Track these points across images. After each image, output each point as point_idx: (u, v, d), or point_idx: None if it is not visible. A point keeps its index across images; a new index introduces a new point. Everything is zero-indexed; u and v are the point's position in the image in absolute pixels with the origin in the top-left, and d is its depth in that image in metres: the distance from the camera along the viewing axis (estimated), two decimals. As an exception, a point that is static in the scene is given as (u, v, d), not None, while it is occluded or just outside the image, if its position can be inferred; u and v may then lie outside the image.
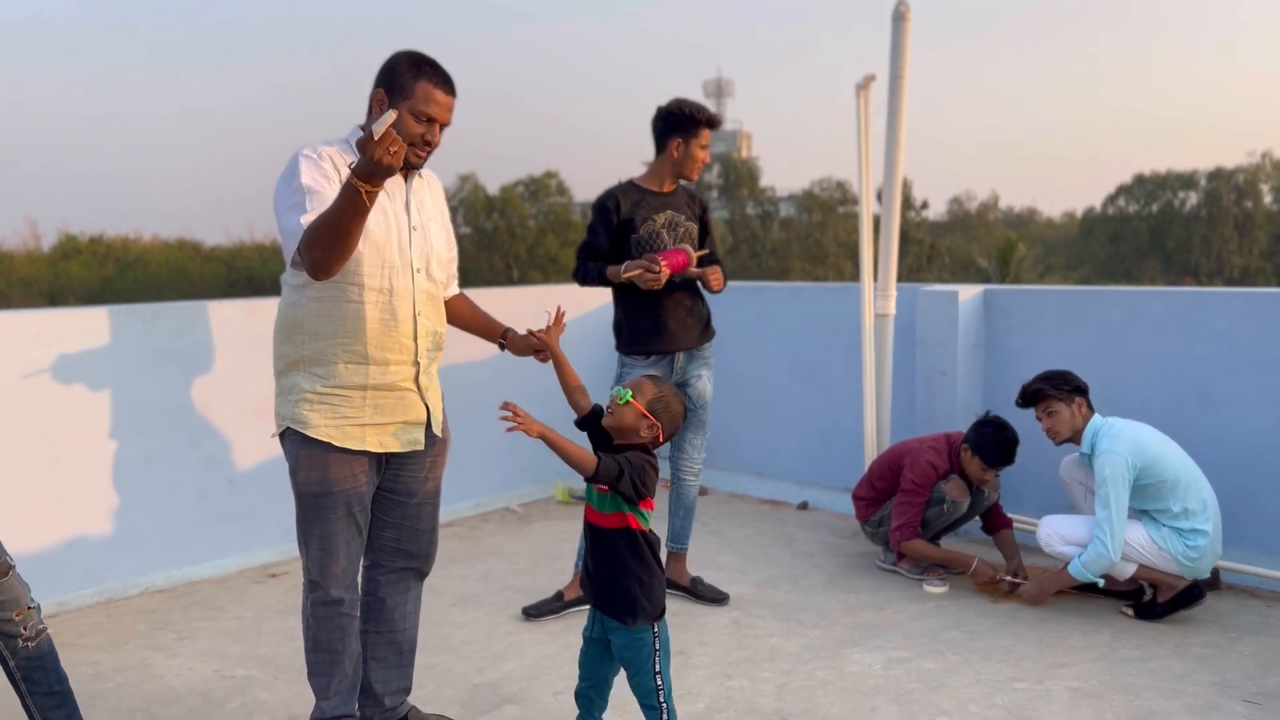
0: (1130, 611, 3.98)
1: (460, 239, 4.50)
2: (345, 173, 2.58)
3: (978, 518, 4.64)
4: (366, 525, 2.87)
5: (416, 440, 2.87)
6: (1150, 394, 4.52)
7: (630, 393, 2.62)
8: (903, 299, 5.21)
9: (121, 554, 4.44)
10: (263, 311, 4.86)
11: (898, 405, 5.26)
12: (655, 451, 2.67)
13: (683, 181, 4.19)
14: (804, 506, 5.75)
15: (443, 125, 2.73)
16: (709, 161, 4.13)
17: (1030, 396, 4.13)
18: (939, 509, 4.46)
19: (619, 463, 2.55)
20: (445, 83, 2.70)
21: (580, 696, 2.80)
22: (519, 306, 5.89)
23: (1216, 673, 3.45)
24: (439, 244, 2.89)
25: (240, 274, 58.88)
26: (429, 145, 2.72)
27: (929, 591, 4.33)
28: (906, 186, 77.05)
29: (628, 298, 4.07)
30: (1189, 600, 3.87)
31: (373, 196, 2.33)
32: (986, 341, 5.12)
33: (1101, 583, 3.95)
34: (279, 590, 4.49)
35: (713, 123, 4.04)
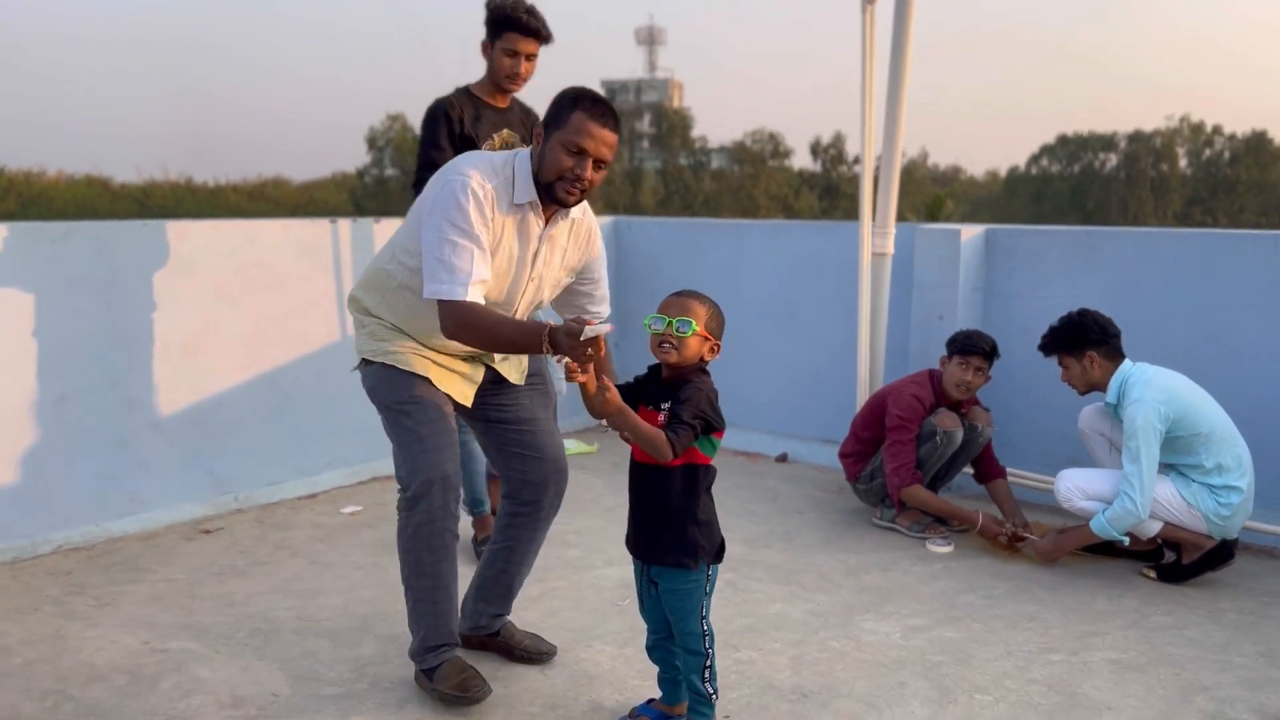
0: (1152, 574, 3.72)
1: (386, 182, 4.00)
2: (497, 222, 2.55)
3: (970, 467, 4.33)
4: (456, 435, 2.73)
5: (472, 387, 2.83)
6: (1161, 341, 4.23)
7: (694, 322, 2.39)
8: (898, 239, 4.83)
9: (29, 507, 3.89)
10: (194, 234, 4.29)
11: (890, 351, 4.92)
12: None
13: (516, 95, 3.81)
14: (783, 459, 5.40)
15: (599, 161, 2.53)
16: (528, 76, 3.70)
17: (1045, 349, 3.85)
18: (931, 444, 4.14)
19: (690, 424, 2.34)
20: (603, 116, 2.52)
21: (655, 650, 2.61)
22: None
23: (1259, 642, 3.19)
24: (545, 297, 2.83)
25: (153, 213, 56.42)
26: (578, 181, 2.53)
27: (934, 551, 4.02)
28: (839, 141, 77.22)
29: None
30: (1218, 561, 3.62)
31: (550, 353, 2.37)
32: (987, 284, 4.79)
33: (1126, 541, 3.67)
34: (215, 548, 4.00)
35: (522, 27, 3.59)
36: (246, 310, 4.44)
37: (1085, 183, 72.94)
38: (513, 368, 2.89)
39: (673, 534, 2.44)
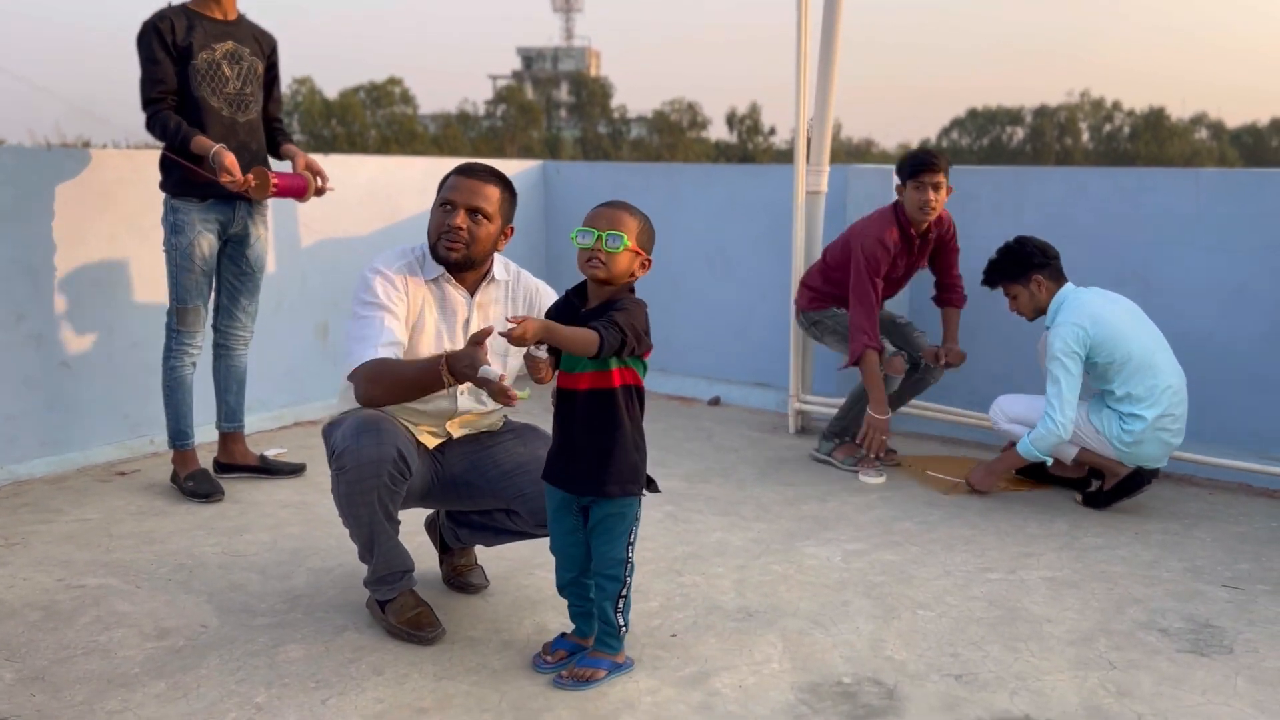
0: (1080, 498, 3.80)
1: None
2: (415, 304, 2.59)
3: (934, 293, 4.38)
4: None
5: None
6: (1089, 278, 4.31)
7: (625, 236, 2.25)
8: (830, 180, 4.83)
9: (-72, 447, 3.66)
10: (107, 162, 4.06)
11: (822, 292, 4.91)
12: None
13: (246, 16, 3.72)
14: (715, 402, 5.39)
15: (472, 210, 2.57)
16: None
17: (989, 283, 3.88)
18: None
19: (620, 327, 2.22)
20: (470, 170, 2.61)
21: (568, 587, 2.48)
22: (404, 179, 5.23)
23: (1185, 559, 3.28)
24: (493, 371, 2.57)
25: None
26: (451, 231, 2.56)
27: (866, 482, 4.05)
28: (755, 111, 77.70)
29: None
30: (1132, 487, 3.70)
31: (451, 384, 2.36)
32: (918, 225, 4.81)
33: (1050, 461, 3.75)
34: (130, 489, 3.82)
35: None
36: (153, 246, 4.23)
37: (994, 155, 74.78)
38: (465, 424, 2.77)
39: (617, 461, 2.33)
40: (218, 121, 3.58)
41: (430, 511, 3.06)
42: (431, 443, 2.71)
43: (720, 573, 3.11)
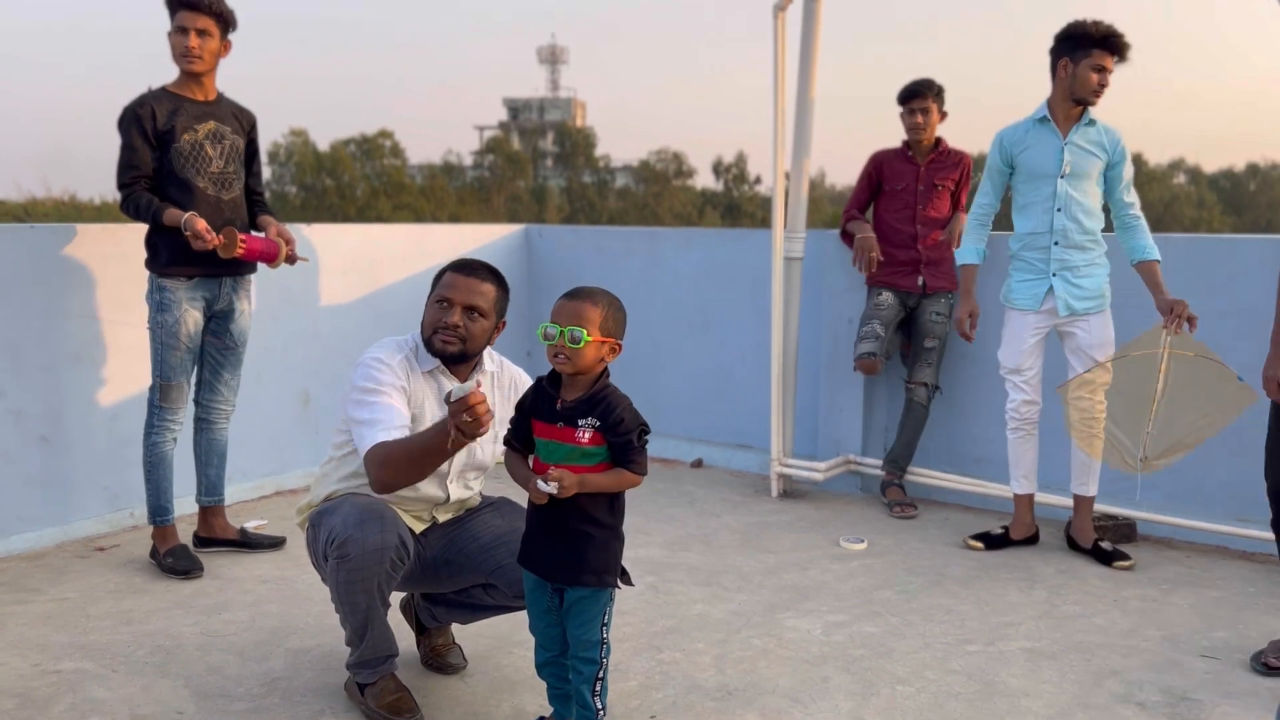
0: (980, 545, 4.07)
1: (287, 198, 3.96)
2: (413, 386, 2.64)
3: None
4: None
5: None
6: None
7: (584, 330, 2.27)
8: (809, 245, 4.89)
9: (-95, 527, 3.64)
10: (90, 238, 4.10)
11: (802, 353, 4.97)
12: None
13: (225, 94, 3.80)
14: (698, 464, 5.41)
15: (469, 308, 2.62)
16: (207, 54, 3.61)
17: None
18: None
19: (642, 446, 2.33)
20: (468, 268, 2.66)
21: (546, 667, 2.48)
22: (386, 247, 5.28)
23: (1163, 627, 3.30)
24: (485, 455, 2.77)
25: (35, 230, 54.01)
26: (449, 328, 2.60)
27: (848, 549, 4.06)
28: (741, 161, 78.39)
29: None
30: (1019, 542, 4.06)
31: (460, 444, 2.29)
32: (895, 289, 4.88)
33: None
34: (110, 566, 3.80)
35: (185, 2, 3.56)
36: (143, 317, 4.25)
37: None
38: (450, 509, 2.81)
39: (596, 553, 2.33)
40: (203, 200, 3.64)
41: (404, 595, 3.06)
42: (418, 527, 2.72)
43: (700, 648, 3.11)
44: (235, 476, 4.55)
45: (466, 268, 2.66)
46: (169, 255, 3.62)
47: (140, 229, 3.76)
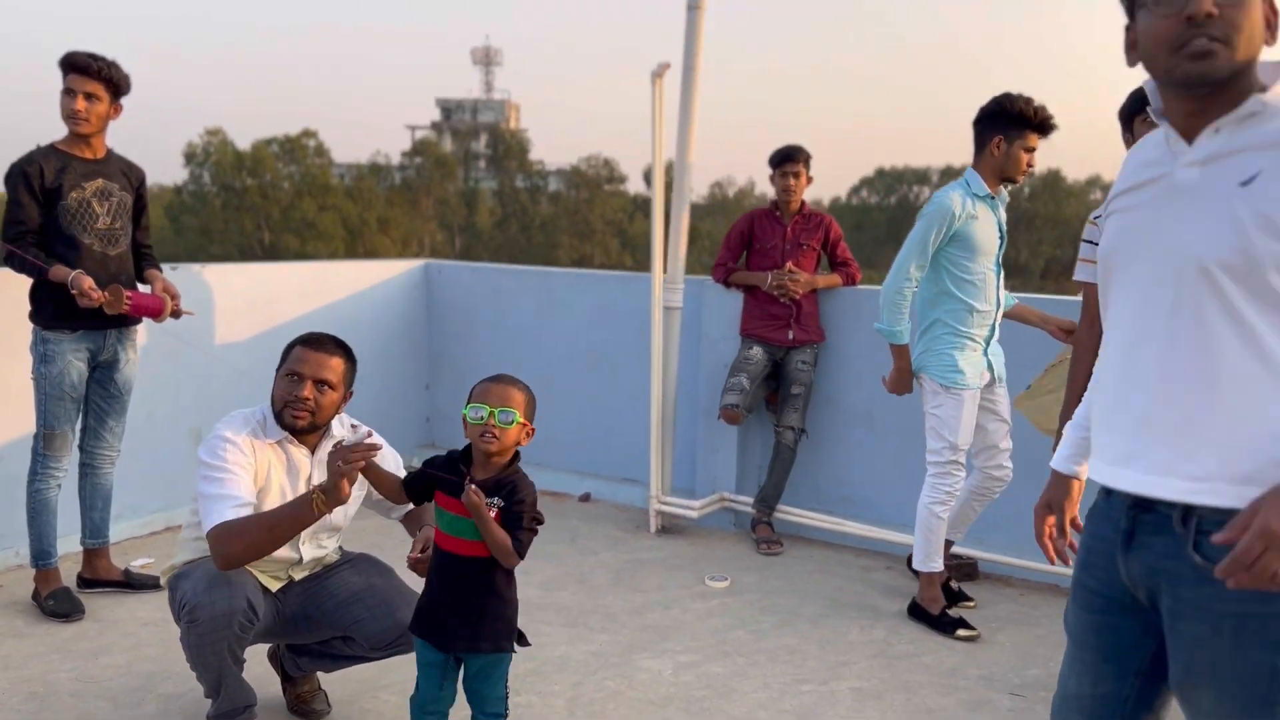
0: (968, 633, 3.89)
1: (207, 197, 4.16)
2: (262, 465, 2.78)
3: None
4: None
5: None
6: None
7: (515, 411, 2.44)
8: (690, 290, 5.16)
9: None
10: (14, 282, 4.17)
11: (681, 398, 5.23)
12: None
13: (114, 149, 3.95)
14: (586, 498, 5.64)
15: (319, 381, 2.80)
16: (94, 116, 3.74)
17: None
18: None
19: (531, 529, 2.46)
20: (316, 342, 2.85)
21: (431, 715, 2.58)
22: (283, 285, 5.41)
23: (984, 665, 3.61)
24: (336, 517, 2.92)
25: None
26: (298, 402, 2.78)
27: (711, 586, 4.32)
28: (672, 169, 79.44)
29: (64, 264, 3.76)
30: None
31: (324, 509, 2.54)
32: (769, 336, 5.17)
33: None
34: (-9, 608, 3.89)
35: (75, 64, 3.70)
36: (29, 365, 4.34)
37: (901, 214, 77.33)
38: (305, 568, 2.96)
39: (492, 620, 2.48)
40: (89, 256, 3.76)
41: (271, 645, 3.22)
42: (274, 586, 2.89)
43: (556, 690, 3.33)
44: (124, 513, 4.65)
45: (315, 342, 2.85)
46: (54, 309, 3.74)
47: (25, 280, 3.86)
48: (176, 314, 3.95)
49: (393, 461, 2.98)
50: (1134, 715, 1.70)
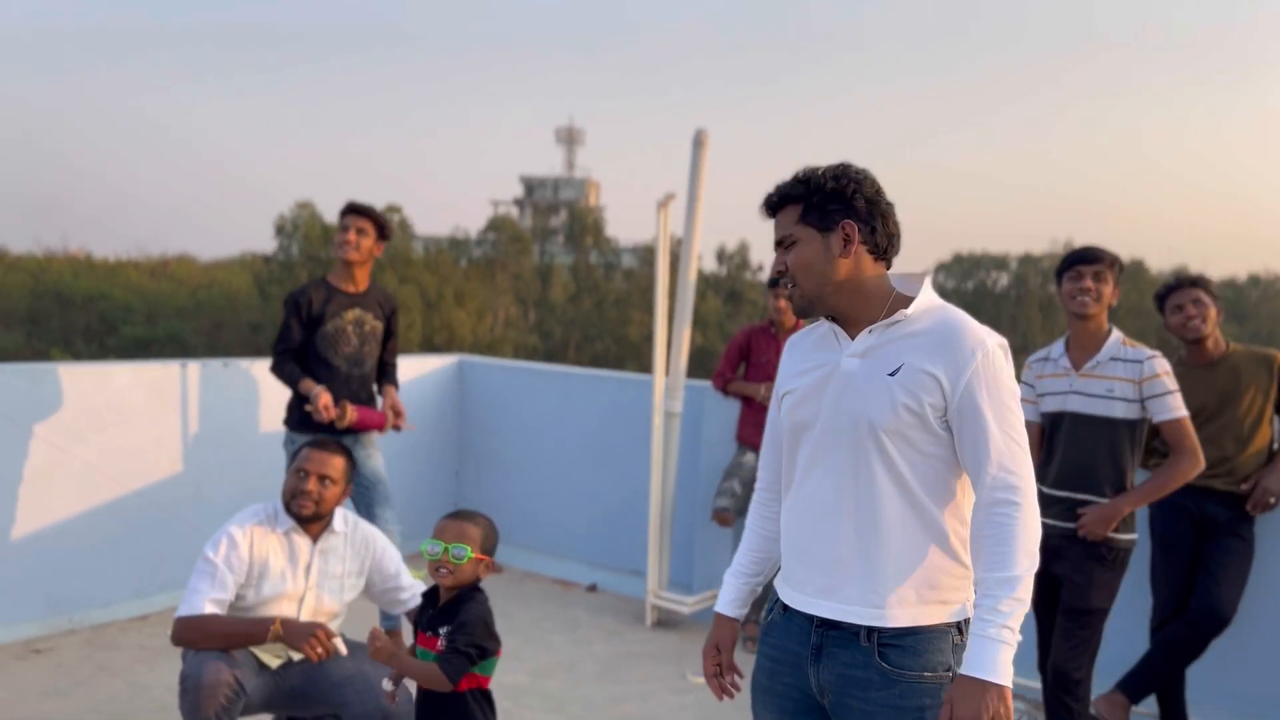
0: None
1: (294, 268, 4.85)
2: (261, 554, 3.22)
3: None
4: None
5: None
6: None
7: (469, 548, 2.65)
8: (691, 396, 5.54)
9: None
10: (47, 377, 4.75)
11: (680, 497, 5.57)
12: None
13: (375, 284, 4.63)
14: (593, 589, 5.97)
15: (323, 477, 3.26)
16: (362, 247, 4.48)
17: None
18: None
19: (464, 652, 2.59)
20: (323, 444, 3.31)
21: None
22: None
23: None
24: (329, 602, 3.34)
25: (48, 287, 55.23)
26: (305, 495, 3.23)
27: (691, 680, 4.61)
28: (744, 249, 79.63)
29: (314, 379, 4.41)
30: None
31: (276, 639, 3.09)
32: (765, 443, 5.50)
33: None
34: (42, 668, 4.37)
35: (351, 207, 4.47)
36: (94, 445, 4.89)
37: (979, 299, 76.79)
38: (271, 654, 3.29)
39: None
40: (336, 376, 4.46)
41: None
42: (274, 663, 3.30)
43: (524, 772, 3.66)
44: (168, 585, 5.14)
45: (321, 444, 3.33)
46: (300, 416, 4.44)
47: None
48: (397, 428, 4.63)
49: (392, 562, 3.45)
50: None
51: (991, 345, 1.95)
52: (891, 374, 1.96)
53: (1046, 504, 3.55)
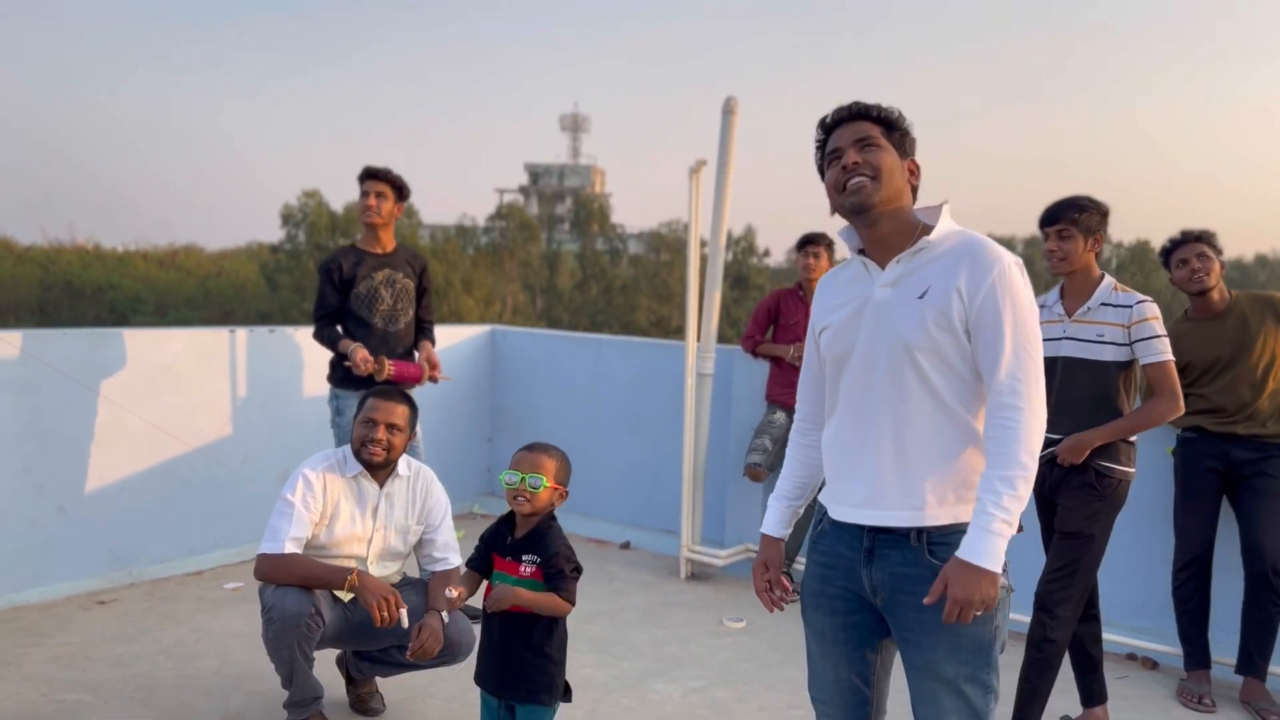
0: None
1: (301, 256, 5.09)
2: (333, 497, 3.41)
3: None
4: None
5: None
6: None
7: (544, 477, 2.80)
8: (721, 359, 5.72)
9: (-57, 579, 4.43)
10: (108, 341, 4.94)
11: (711, 456, 5.76)
12: None
13: (403, 245, 4.88)
14: (626, 546, 6.17)
15: (390, 425, 3.43)
16: (383, 211, 4.71)
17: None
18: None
19: (572, 575, 2.78)
20: (386, 394, 3.48)
21: None
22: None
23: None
24: (395, 543, 3.53)
25: (57, 278, 55.57)
26: (373, 442, 3.41)
27: (728, 626, 4.80)
28: (750, 235, 79.78)
29: (352, 338, 4.67)
30: None
31: (352, 590, 3.25)
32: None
33: None
34: (108, 617, 4.57)
35: (369, 171, 4.70)
36: (151, 408, 5.09)
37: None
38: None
39: (538, 676, 2.79)
40: (373, 334, 4.71)
41: (339, 651, 3.82)
42: (346, 596, 3.50)
43: (578, 704, 3.85)
44: (220, 544, 5.34)
45: (386, 394, 3.50)
46: (341, 374, 4.70)
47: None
48: (434, 379, 4.85)
49: (438, 511, 3.61)
50: (879, 685, 2.30)
51: (1009, 261, 2.12)
52: (920, 297, 2.12)
53: (1045, 446, 3.70)
